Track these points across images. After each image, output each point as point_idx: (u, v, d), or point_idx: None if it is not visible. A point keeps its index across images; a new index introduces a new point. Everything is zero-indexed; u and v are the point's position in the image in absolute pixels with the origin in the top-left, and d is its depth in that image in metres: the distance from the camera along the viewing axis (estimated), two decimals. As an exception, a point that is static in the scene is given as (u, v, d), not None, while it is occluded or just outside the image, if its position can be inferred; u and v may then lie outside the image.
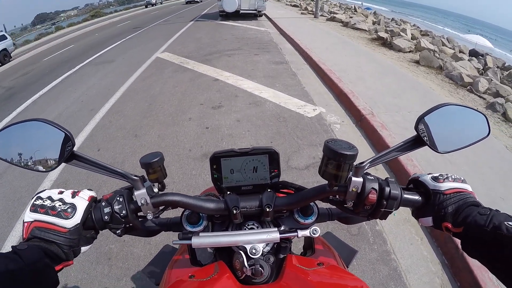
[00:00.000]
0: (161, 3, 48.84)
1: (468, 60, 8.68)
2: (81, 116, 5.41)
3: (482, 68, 8.70)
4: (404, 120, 4.25)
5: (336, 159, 0.64)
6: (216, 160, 0.82)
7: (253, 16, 16.57)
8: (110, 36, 16.02)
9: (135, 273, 2.42)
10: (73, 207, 0.67)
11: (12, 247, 0.56)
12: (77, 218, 0.66)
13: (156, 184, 0.76)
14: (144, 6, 49.20)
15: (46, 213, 0.64)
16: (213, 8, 23.38)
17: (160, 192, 0.76)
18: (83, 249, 0.68)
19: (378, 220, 2.80)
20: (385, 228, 2.67)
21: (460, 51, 10.79)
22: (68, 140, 0.68)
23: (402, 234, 2.63)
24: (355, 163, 0.68)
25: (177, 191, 3.06)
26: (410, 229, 2.66)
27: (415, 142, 0.74)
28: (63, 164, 0.69)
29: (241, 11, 16.03)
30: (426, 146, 0.72)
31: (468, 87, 6.04)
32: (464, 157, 3.47)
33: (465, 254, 2.23)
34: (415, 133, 0.73)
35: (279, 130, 4.28)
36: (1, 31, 17.62)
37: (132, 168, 3.64)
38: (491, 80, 6.48)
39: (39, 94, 7.43)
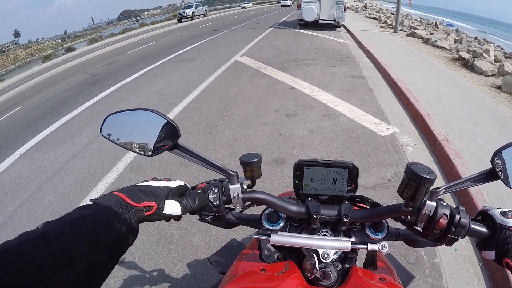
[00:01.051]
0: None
1: None
2: (160, 108, 5.69)
3: None
4: (479, 150, 3.98)
5: (416, 181, 0.67)
6: (299, 167, 0.86)
7: (332, 26, 16.42)
8: (191, 36, 16.78)
9: (191, 261, 2.51)
10: (170, 180, 0.75)
11: (91, 200, 0.60)
12: (171, 184, 0.73)
13: (247, 182, 0.81)
14: (232, 8, 51.04)
15: (145, 181, 0.72)
16: (292, 16, 23.55)
17: (249, 189, 0.81)
18: (169, 203, 0.69)
19: (437, 252, 2.69)
20: (443, 262, 2.53)
21: None
22: (174, 131, 0.75)
23: (460, 271, 2.47)
24: (431, 188, 0.70)
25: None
26: (469, 268, 2.50)
27: (490, 175, 0.73)
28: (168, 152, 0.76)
29: (320, 21, 15.99)
30: (500, 181, 0.72)
31: None
32: None
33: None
34: (489, 165, 0.73)
35: (350, 146, 4.20)
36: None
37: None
38: None
39: (121, 83, 8.00)
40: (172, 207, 0.69)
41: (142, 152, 0.77)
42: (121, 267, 2.46)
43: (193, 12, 34.37)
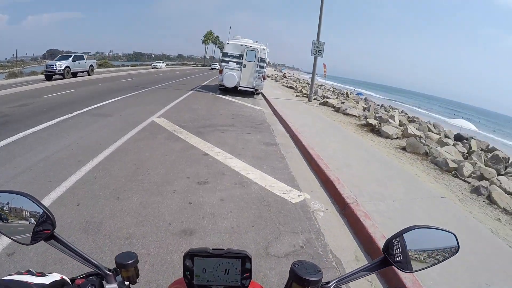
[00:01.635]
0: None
1: (453, 145, 9.12)
2: (68, 165, 5.42)
3: (466, 151, 9.09)
4: (388, 209, 4.33)
5: (300, 283, 0.69)
6: (190, 257, 0.83)
7: (251, 93, 17.34)
8: (112, 89, 16.47)
9: None
10: (45, 274, 0.71)
11: None
12: (45, 280, 0.69)
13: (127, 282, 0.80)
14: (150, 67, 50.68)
15: (18, 273, 0.68)
16: (213, 80, 24.35)
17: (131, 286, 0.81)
18: None
19: None
20: None
21: (446, 136, 11.36)
22: (50, 221, 0.73)
23: None
24: (323, 281, 0.73)
25: (151, 264, 3.10)
26: None
27: (382, 263, 0.79)
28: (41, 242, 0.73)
29: (240, 88, 16.82)
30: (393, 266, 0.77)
31: (453, 172, 6.26)
32: None
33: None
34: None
35: (261, 214, 4.31)
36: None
37: (108, 231, 3.59)
38: (476, 163, 6.78)
39: (32, 130, 7.48)
40: None
41: (20, 241, 0.73)
42: None
43: (66, 67, 22.46)
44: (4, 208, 0.72)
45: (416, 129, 10.51)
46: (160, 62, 60.22)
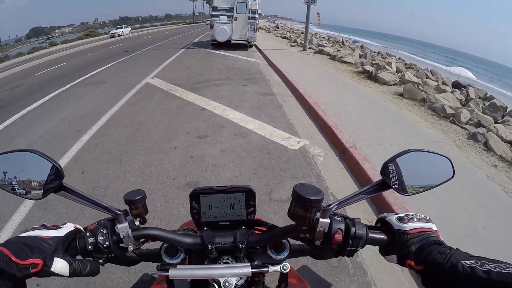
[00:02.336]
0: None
1: (451, 92, 9.00)
2: (68, 136, 5.43)
3: (464, 99, 8.99)
4: (386, 153, 4.34)
5: (303, 203, 0.69)
6: (195, 196, 0.86)
7: (244, 46, 16.96)
8: (102, 57, 16.17)
9: None
10: (59, 226, 0.73)
11: None
12: (60, 232, 0.71)
13: (138, 218, 0.80)
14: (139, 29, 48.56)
15: (34, 229, 0.70)
16: (205, 36, 23.77)
17: (141, 226, 0.80)
18: (57, 262, 0.66)
19: (358, 252, 2.84)
20: (366, 260, 2.71)
21: (443, 83, 11.18)
22: (58, 172, 0.73)
23: (382, 265, 2.64)
24: (323, 205, 0.73)
25: (159, 219, 3.15)
26: None
27: (381, 186, 0.79)
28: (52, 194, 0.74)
29: (232, 41, 16.44)
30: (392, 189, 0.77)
31: (451, 118, 6.24)
32: (445, 187, 3.56)
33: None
34: None
35: (262, 162, 4.36)
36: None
37: (115, 193, 3.67)
38: (473, 110, 6.76)
39: (27, 109, 7.41)
40: (60, 266, 0.66)
41: (29, 196, 0.73)
42: None
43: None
44: (14, 167, 0.73)
45: (414, 75, 10.27)
46: (121, 28, 43.49)
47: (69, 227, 0.74)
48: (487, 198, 3.64)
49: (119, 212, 0.76)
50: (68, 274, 0.68)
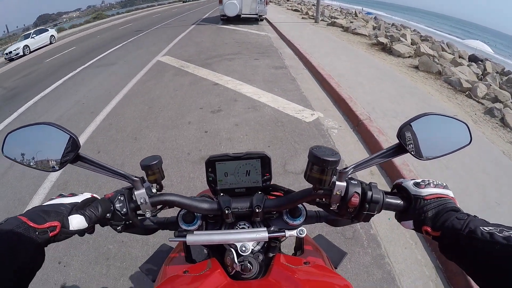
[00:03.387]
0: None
1: (468, 66, 8.68)
2: (82, 118, 5.47)
3: (481, 73, 8.67)
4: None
5: (319, 165, 0.68)
6: (211, 163, 0.87)
7: (254, 20, 16.61)
8: (112, 38, 16.09)
9: (133, 273, 2.46)
10: (75, 194, 0.75)
11: None
12: (76, 199, 0.73)
13: (154, 185, 0.81)
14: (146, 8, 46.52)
15: (51, 200, 0.72)
16: (214, 12, 23.42)
17: (158, 193, 0.81)
18: (73, 219, 0.67)
19: (372, 224, 2.88)
20: (380, 232, 2.70)
21: (460, 57, 10.79)
22: (74, 143, 0.73)
23: (396, 238, 2.64)
24: (339, 168, 0.72)
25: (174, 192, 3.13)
26: (405, 234, 2.68)
27: (398, 149, 0.76)
28: (68, 165, 0.74)
29: (242, 16, 16.09)
30: (409, 154, 0.75)
31: (467, 93, 6.05)
32: (460, 162, 3.50)
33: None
34: None
35: (276, 135, 4.32)
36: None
37: (131, 170, 3.66)
38: (490, 85, 6.51)
39: (40, 95, 7.49)
40: (76, 222, 0.67)
41: (46, 168, 0.74)
42: None
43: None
44: (31, 141, 0.74)
45: (429, 48, 9.90)
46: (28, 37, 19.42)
47: (86, 195, 0.76)
48: (503, 174, 3.53)
49: (136, 179, 0.76)
50: (86, 226, 0.69)
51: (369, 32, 12.57)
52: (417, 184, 0.73)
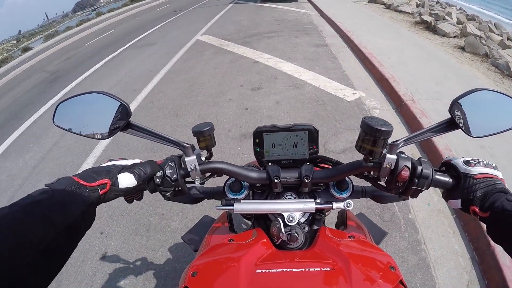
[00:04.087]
0: None
1: None
2: (124, 97, 5.43)
3: None
4: (445, 108, 3.96)
5: (372, 135, 0.66)
6: (259, 134, 0.86)
7: (293, -2, 16.28)
8: (150, 20, 16.27)
9: (172, 245, 2.52)
10: (125, 159, 0.78)
11: (46, 184, 0.59)
12: (126, 162, 0.75)
13: (204, 153, 0.82)
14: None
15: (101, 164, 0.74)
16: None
17: (207, 161, 0.81)
18: (122, 176, 0.69)
19: (411, 209, 2.76)
20: (418, 218, 2.61)
21: (508, 39, 10.10)
22: (125, 111, 0.74)
23: (434, 225, 2.55)
24: (390, 141, 0.70)
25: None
26: (443, 221, 2.58)
27: (449, 125, 0.74)
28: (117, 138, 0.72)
29: None
30: (460, 130, 0.72)
31: None
32: (506, 150, 3.27)
33: (496, 252, 2.13)
34: None
35: (317, 113, 4.22)
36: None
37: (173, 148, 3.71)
38: None
39: (82, 77, 7.74)
40: (126, 179, 0.69)
41: (97, 136, 0.75)
42: (104, 262, 2.47)
43: None
44: (82, 110, 0.76)
45: (476, 28, 9.36)
46: None
47: (135, 160, 0.77)
48: None
49: (186, 145, 0.77)
50: (136, 183, 0.71)
51: (413, 10, 12.02)
52: (466, 162, 0.71)
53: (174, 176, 0.75)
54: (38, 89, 8.32)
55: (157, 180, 0.75)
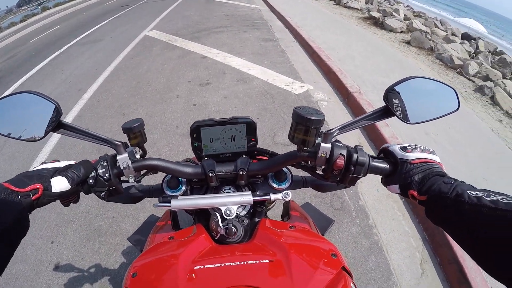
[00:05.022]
0: None
1: (460, 43, 8.73)
2: (69, 96, 5.37)
3: (473, 51, 8.72)
4: None
5: (303, 124, 0.67)
6: (196, 129, 0.85)
7: (244, -8, 16.28)
8: (97, 14, 15.63)
9: (125, 248, 2.48)
10: (58, 160, 0.75)
11: None
12: (59, 164, 0.73)
13: (137, 150, 0.79)
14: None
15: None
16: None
17: (141, 158, 0.80)
18: (55, 180, 0.67)
19: (361, 196, 2.90)
20: (368, 203, 2.73)
21: (453, 34, 10.80)
22: (56, 110, 0.72)
23: (384, 209, 2.67)
24: (324, 130, 0.72)
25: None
26: (393, 205, 2.71)
27: (384, 112, 0.76)
28: (55, 135, 0.72)
29: None
30: (395, 117, 0.75)
31: (458, 70, 6.09)
32: (449, 137, 3.51)
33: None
34: None
35: (266, 107, 4.29)
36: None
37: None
38: (482, 64, 6.55)
39: (26, 76, 7.32)
40: (59, 183, 0.67)
41: (29, 138, 0.73)
42: (58, 273, 2.38)
43: None
44: (12, 111, 0.73)
45: (422, 24, 9.92)
46: None
47: (69, 162, 0.75)
48: (490, 151, 3.59)
49: (118, 143, 0.76)
50: (69, 188, 0.69)
51: (361, 6, 12.43)
52: (403, 148, 0.73)
53: (107, 175, 0.74)
54: (-23, 91, 7.83)
55: (90, 180, 0.74)
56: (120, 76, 5.94)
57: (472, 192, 0.56)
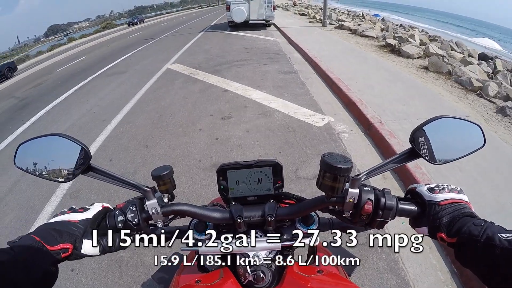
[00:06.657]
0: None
1: (478, 64, 8.55)
2: (94, 127, 5.51)
3: (491, 71, 8.54)
4: (412, 127, 4.14)
5: (331, 172, 0.67)
6: (222, 172, 0.85)
7: (262, 25, 16.68)
8: (121, 47, 16.25)
9: (145, 281, 2.46)
10: (87, 208, 0.74)
11: (8, 242, 0.60)
12: (88, 214, 0.72)
13: (166, 195, 0.80)
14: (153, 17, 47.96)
15: (62, 213, 0.72)
16: (222, 19, 23.56)
17: (169, 202, 0.80)
18: (86, 244, 0.69)
19: (386, 228, 2.79)
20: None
21: (469, 55, 10.66)
22: (85, 154, 0.74)
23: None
24: (352, 175, 0.71)
25: (187, 201, 3.12)
26: (418, 238, 2.64)
27: (411, 154, 0.75)
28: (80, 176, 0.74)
29: (250, 21, 16.19)
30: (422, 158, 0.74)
31: (478, 92, 5.97)
32: (474, 163, 3.43)
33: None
34: None
35: (287, 140, 4.30)
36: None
37: (143, 178, 3.68)
38: (501, 83, 6.40)
39: (52, 104, 7.57)
40: (89, 248, 0.69)
41: (59, 179, 0.75)
42: None
43: None
44: (42, 152, 0.75)
45: (438, 48, 9.84)
46: None
47: (97, 207, 0.75)
48: None
49: (147, 189, 0.76)
50: (98, 253, 0.71)
51: (377, 34, 12.53)
52: (431, 189, 0.72)
53: (136, 220, 0.74)
54: (6, 116, 8.05)
55: (119, 224, 0.74)
56: (143, 108, 6.06)
57: (503, 234, 0.55)
